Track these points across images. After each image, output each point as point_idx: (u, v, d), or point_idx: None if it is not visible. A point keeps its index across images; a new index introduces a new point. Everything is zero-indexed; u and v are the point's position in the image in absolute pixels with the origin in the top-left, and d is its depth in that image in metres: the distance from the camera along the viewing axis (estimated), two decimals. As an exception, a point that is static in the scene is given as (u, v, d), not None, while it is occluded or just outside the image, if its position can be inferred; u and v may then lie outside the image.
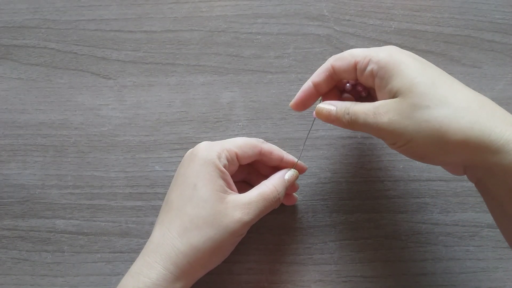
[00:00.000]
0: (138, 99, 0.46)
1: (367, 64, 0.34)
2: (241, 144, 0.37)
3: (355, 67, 0.35)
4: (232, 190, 0.36)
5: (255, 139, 0.39)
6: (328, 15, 0.48)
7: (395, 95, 0.32)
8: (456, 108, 0.30)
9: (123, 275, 0.35)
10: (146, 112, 0.46)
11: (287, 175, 0.38)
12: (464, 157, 0.30)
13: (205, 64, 0.47)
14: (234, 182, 0.37)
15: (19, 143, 0.45)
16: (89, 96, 0.46)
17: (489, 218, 0.42)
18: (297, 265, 0.42)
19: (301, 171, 0.40)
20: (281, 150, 0.40)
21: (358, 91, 0.39)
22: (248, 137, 0.42)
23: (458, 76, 0.46)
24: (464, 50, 0.47)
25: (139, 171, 0.44)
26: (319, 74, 0.37)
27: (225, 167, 0.36)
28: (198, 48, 0.47)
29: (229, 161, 0.37)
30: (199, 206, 0.34)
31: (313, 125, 0.41)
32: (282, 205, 0.41)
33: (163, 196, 0.41)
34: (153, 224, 0.41)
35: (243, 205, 0.35)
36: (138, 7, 0.48)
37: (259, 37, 0.47)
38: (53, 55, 0.47)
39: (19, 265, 0.42)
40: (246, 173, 0.42)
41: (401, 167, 0.44)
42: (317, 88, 0.38)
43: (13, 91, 0.47)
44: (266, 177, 0.39)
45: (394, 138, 0.32)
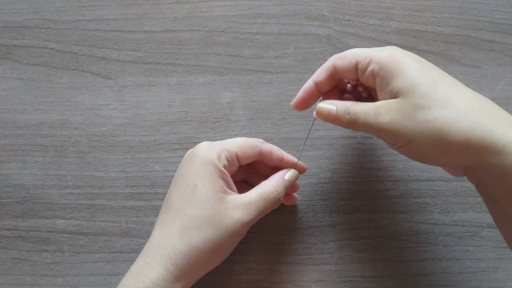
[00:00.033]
0: (138, 99, 0.46)
1: (368, 64, 0.34)
2: (241, 144, 0.37)
3: (356, 66, 0.35)
4: (232, 190, 0.36)
5: (255, 139, 0.39)
6: (328, 15, 0.48)
7: (396, 95, 0.32)
8: (457, 109, 0.30)
9: (123, 275, 0.35)
10: (146, 112, 0.46)
11: (287, 175, 0.38)
12: (464, 158, 0.30)
13: (205, 64, 0.47)
14: (234, 182, 0.37)
15: (19, 143, 0.45)
16: (89, 96, 0.46)
17: (489, 218, 0.42)
18: (297, 265, 0.42)
19: (301, 171, 0.40)
20: (281, 150, 0.40)
21: (359, 92, 0.39)
22: (248, 137, 0.43)
23: (458, 76, 0.46)
24: (464, 50, 0.47)
25: (139, 171, 0.44)
26: (320, 73, 0.37)
27: (225, 167, 0.36)
28: (198, 48, 0.47)
29: (229, 161, 0.37)
30: (199, 206, 0.34)
31: (313, 125, 0.42)
32: (282, 205, 0.41)
33: (163, 196, 0.41)
34: (153, 224, 0.41)
35: (243, 205, 0.35)
36: (138, 7, 0.48)
37: (259, 37, 0.47)
38: (53, 55, 0.47)
39: (19, 265, 0.42)
40: (246, 173, 0.42)
41: (401, 167, 0.44)
42: (319, 87, 0.37)
43: (13, 91, 0.47)
44: (266, 177, 0.39)
45: (394, 138, 0.32)
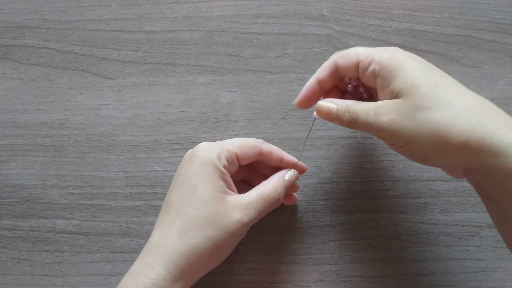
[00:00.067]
0: (138, 99, 0.46)
1: (369, 64, 0.34)
2: (241, 144, 0.37)
3: (357, 65, 0.35)
4: (232, 190, 0.36)
5: (255, 139, 0.39)
6: (328, 15, 0.48)
7: (397, 95, 0.32)
8: (458, 110, 0.30)
9: (123, 275, 0.35)
10: (146, 112, 0.46)
11: (287, 175, 0.38)
12: (464, 160, 0.30)
13: (205, 64, 0.47)
14: (234, 182, 0.37)
15: (19, 143, 0.45)
16: (89, 96, 0.46)
17: (489, 218, 0.41)
18: (297, 265, 0.42)
19: (301, 171, 0.40)
20: (281, 150, 0.40)
21: (359, 93, 0.39)
22: (248, 137, 0.43)
23: (458, 76, 0.46)
24: (464, 50, 0.47)
25: (139, 171, 0.44)
26: (323, 70, 0.37)
27: (225, 168, 0.36)
28: (198, 48, 0.47)
29: (229, 161, 0.37)
30: (199, 206, 0.34)
31: (313, 125, 0.41)
32: (282, 205, 0.41)
33: (163, 196, 0.41)
34: (153, 224, 0.41)
35: (243, 205, 0.35)
36: (138, 7, 0.48)
37: (259, 37, 0.47)
38: (53, 55, 0.47)
39: (19, 265, 0.42)
40: (246, 173, 0.42)
41: (401, 167, 0.44)
42: (321, 84, 0.37)
43: (13, 91, 0.47)
44: (266, 177, 0.39)
45: (394, 138, 0.32)
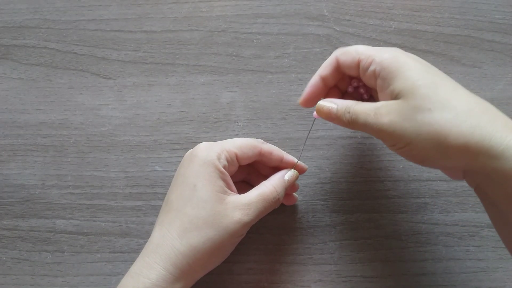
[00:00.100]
0: (138, 99, 0.46)
1: (370, 64, 0.34)
2: (241, 144, 0.37)
3: (358, 64, 0.35)
4: (231, 190, 0.36)
5: (255, 139, 0.39)
6: (328, 15, 0.48)
7: (397, 96, 0.32)
8: (457, 112, 0.30)
9: (123, 275, 0.35)
10: (146, 112, 0.46)
11: (287, 175, 0.38)
12: (463, 162, 0.30)
13: (205, 64, 0.47)
14: (234, 182, 0.37)
15: (19, 143, 0.45)
16: (89, 96, 0.46)
17: (489, 218, 0.42)
18: (297, 265, 0.42)
19: (301, 171, 0.40)
20: (281, 150, 0.40)
21: (360, 94, 0.39)
22: (248, 137, 0.42)
23: (458, 76, 0.46)
24: (464, 50, 0.47)
25: (139, 171, 0.44)
26: (325, 67, 0.37)
27: (224, 168, 0.36)
28: (198, 48, 0.47)
29: (229, 161, 0.37)
30: (199, 206, 0.34)
31: (313, 125, 0.41)
32: (282, 205, 0.41)
33: (163, 196, 0.41)
34: (153, 224, 0.41)
35: (243, 206, 0.35)
36: (138, 7, 0.48)
37: (259, 37, 0.47)
38: (53, 55, 0.47)
39: (19, 265, 0.42)
40: (246, 173, 0.42)
41: (401, 167, 0.44)
42: (325, 81, 0.37)
43: (13, 91, 0.47)
44: (266, 177, 0.39)
45: (393, 139, 0.32)
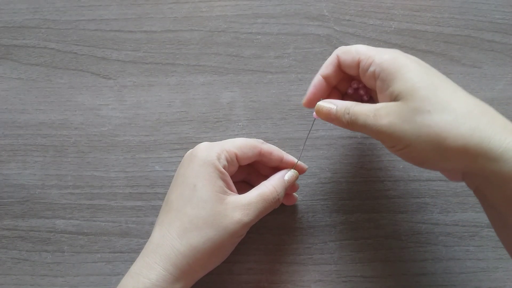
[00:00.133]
0: (138, 99, 0.46)
1: (370, 65, 0.34)
2: (241, 145, 0.37)
3: (358, 64, 0.35)
4: (231, 191, 0.36)
5: (255, 139, 0.39)
6: (328, 15, 0.48)
7: (396, 98, 0.32)
8: (457, 114, 0.30)
9: (123, 275, 0.35)
10: (146, 112, 0.46)
11: (287, 175, 0.38)
12: (463, 164, 0.30)
13: (205, 64, 0.47)
14: (234, 182, 0.37)
15: (19, 143, 0.45)
16: (89, 96, 0.46)
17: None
18: (297, 265, 0.42)
19: (301, 171, 0.40)
20: (281, 150, 0.40)
21: (360, 95, 0.39)
22: (248, 137, 0.42)
23: (458, 76, 0.46)
24: (464, 50, 0.47)
25: (139, 171, 0.44)
26: (327, 66, 0.37)
27: (224, 168, 0.36)
28: (198, 48, 0.47)
29: (229, 162, 0.37)
30: (199, 206, 0.34)
31: (313, 125, 0.41)
32: (282, 205, 0.41)
33: (163, 196, 0.41)
34: (153, 224, 0.41)
35: (243, 206, 0.35)
36: (138, 7, 0.48)
37: (259, 37, 0.47)
38: (53, 55, 0.47)
39: (19, 265, 0.43)
40: (246, 173, 0.42)
41: (401, 167, 0.44)
42: (327, 80, 0.38)
43: (13, 91, 0.47)
44: (266, 177, 0.39)
45: (393, 141, 0.32)
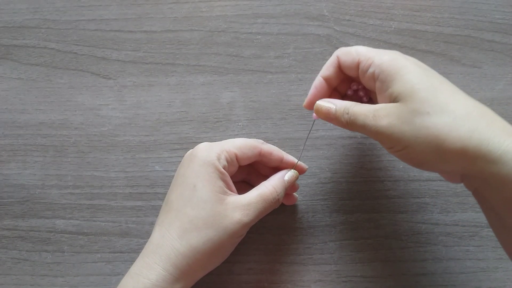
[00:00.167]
0: (138, 99, 0.46)
1: (369, 66, 0.34)
2: (241, 145, 0.37)
3: (358, 65, 0.35)
4: (231, 191, 0.36)
5: (255, 140, 0.39)
6: (328, 15, 0.48)
7: (396, 99, 0.32)
8: (456, 116, 0.30)
9: (123, 275, 0.35)
10: (146, 112, 0.46)
11: (287, 176, 0.38)
12: (461, 166, 0.30)
13: (205, 64, 0.47)
14: (234, 182, 0.37)
15: (19, 143, 0.45)
16: (89, 96, 0.46)
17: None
18: (297, 265, 0.42)
19: (301, 171, 0.40)
20: (281, 151, 0.40)
21: (359, 97, 0.39)
22: (248, 137, 0.43)
23: (458, 76, 0.46)
24: (464, 50, 0.47)
25: (139, 171, 0.44)
26: (327, 67, 0.37)
27: (224, 168, 0.36)
28: (198, 48, 0.47)
29: (229, 162, 0.37)
30: (199, 207, 0.34)
31: (314, 125, 0.41)
32: (282, 205, 0.41)
33: (163, 196, 0.41)
34: (153, 224, 0.41)
35: (243, 206, 0.35)
36: (138, 7, 0.48)
37: (259, 37, 0.47)
38: (53, 55, 0.47)
39: (19, 265, 0.43)
40: (246, 173, 0.42)
41: (401, 167, 0.44)
42: (328, 82, 0.38)
43: (13, 91, 0.47)
44: (266, 177, 0.39)
45: (391, 142, 0.32)
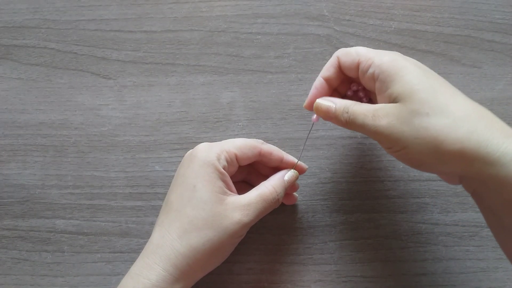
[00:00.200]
0: (138, 99, 0.46)
1: (369, 66, 0.34)
2: (241, 145, 0.37)
3: (358, 66, 0.35)
4: (231, 191, 0.36)
5: (255, 140, 0.39)
6: (328, 15, 0.48)
7: (395, 100, 0.32)
8: (455, 117, 0.30)
9: (123, 275, 0.35)
10: (146, 112, 0.46)
11: (287, 176, 0.38)
12: (460, 168, 0.30)
13: (205, 64, 0.47)
14: (234, 182, 0.37)
15: (19, 143, 0.45)
16: (89, 96, 0.46)
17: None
18: (297, 265, 0.42)
19: (301, 171, 0.40)
20: (281, 151, 0.40)
21: (359, 97, 0.39)
22: (248, 137, 0.43)
23: (458, 76, 0.46)
24: (464, 50, 0.47)
25: (139, 171, 0.44)
26: (328, 68, 0.37)
27: (224, 169, 0.36)
28: (198, 48, 0.47)
29: (229, 162, 0.37)
30: (199, 207, 0.34)
31: (313, 125, 0.41)
32: (282, 205, 0.41)
33: (163, 196, 0.41)
34: (153, 224, 0.41)
35: (243, 206, 0.35)
36: (138, 7, 0.48)
37: (259, 37, 0.47)
38: (53, 55, 0.47)
39: (19, 265, 0.43)
40: (246, 173, 0.42)
41: (401, 167, 0.44)
42: (328, 82, 0.38)
43: (13, 91, 0.47)
44: (266, 177, 0.39)
45: (390, 142, 0.32)
